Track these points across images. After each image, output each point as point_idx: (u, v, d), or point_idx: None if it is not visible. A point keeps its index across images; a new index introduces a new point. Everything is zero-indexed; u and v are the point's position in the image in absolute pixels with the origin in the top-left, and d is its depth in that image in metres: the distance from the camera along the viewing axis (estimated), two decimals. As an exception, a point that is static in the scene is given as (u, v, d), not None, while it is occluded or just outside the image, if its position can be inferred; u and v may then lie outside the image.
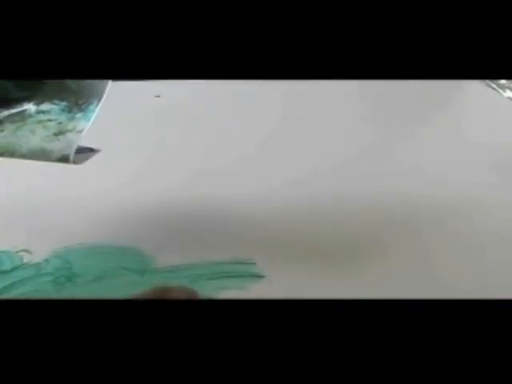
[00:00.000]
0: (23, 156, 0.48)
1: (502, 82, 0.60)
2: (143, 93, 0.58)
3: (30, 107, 0.52)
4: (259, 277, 0.41)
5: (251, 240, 0.43)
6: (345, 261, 0.42)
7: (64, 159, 0.48)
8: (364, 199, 0.47)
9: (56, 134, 0.50)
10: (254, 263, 0.41)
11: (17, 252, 0.42)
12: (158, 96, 0.59)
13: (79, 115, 0.52)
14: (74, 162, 0.48)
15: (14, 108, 0.51)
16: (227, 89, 0.58)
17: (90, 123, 0.52)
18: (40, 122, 0.51)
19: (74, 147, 0.49)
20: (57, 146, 0.49)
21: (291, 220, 0.45)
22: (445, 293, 0.39)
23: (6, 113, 0.51)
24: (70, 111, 0.53)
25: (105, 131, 0.54)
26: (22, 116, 0.52)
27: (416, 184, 0.49)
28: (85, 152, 0.49)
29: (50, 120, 0.52)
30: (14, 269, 0.41)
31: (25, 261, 0.41)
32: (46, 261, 0.41)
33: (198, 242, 0.43)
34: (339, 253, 0.43)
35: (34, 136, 0.50)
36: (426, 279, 0.41)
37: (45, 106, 0.53)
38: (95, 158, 0.50)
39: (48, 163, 0.48)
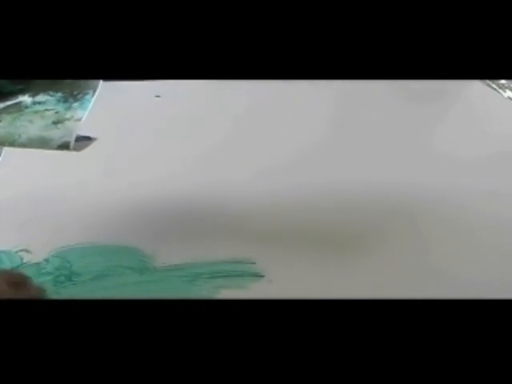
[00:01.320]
0: (23, 145, 0.50)
1: (502, 81, 0.60)
2: (143, 93, 0.58)
3: (25, 99, 0.54)
4: (259, 276, 0.41)
5: (251, 239, 0.43)
6: (344, 259, 0.42)
7: (64, 146, 0.50)
8: (363, 194, 0.47)
9: (55, 123, 0.52)
10: (254, 263, 0.41)
11: (17, 252, 0.42)
12: (158, 96, 0.59)
13: (76, 105, 0.54)
14: (75, 149, 0.49)
15: (9, 100, 0.53)
16: (227, 89, 0.58)
17: (88, 112, 0.53)
18: (37, 112, 0.53)
19: (74, 134, 0.51)
20: (56, 133, 0.51)
21: (290, 218, 0.45)
22: (446, 288, 0.39)
23: (1, 105, 0.52)
24: (66, 101, 0.54)
25: (104, 131, 0.54)
26: (18, 107, 0.53)
27: (412, 179, 0.49)
28: (83, 140, 0.50)
29: (47, 110, 0.53)
30: (13, 268, 0.41)
31: (25, 260, 0.41)
32: (46, 260, 0.41)
33: (198, 241, 0.43)
34: (339, 251, 0.43)
35: (32, 125, 0.51)
36: (425, 276, 0.41)
37: (40, 98, 0.55)
38: (93, 157, 0.51)
39: (47, 156, 0.49)
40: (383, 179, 0.49)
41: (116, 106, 0.57)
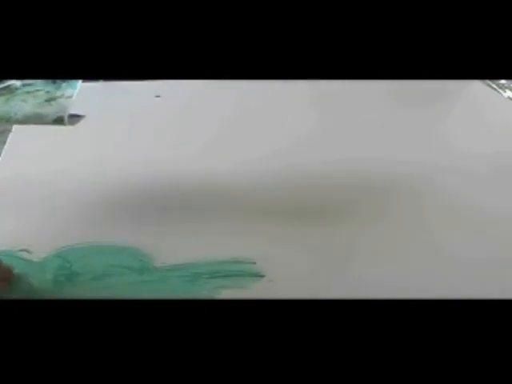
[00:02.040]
0: (19, 122, 0.53)
1: (502, 81, 0.60)
2: (143, 93, 0.58)
3: (14, 82, 0.58)
4: (259, 276, 0.41)
5: (251, 239, 0.43)
6: (345, 259, 0.42)
7: (59, 120, 0.54)
8: (365, 193, 0.48)
9: (47, 101, 0.56)
10: (254, 263, 0.41)
11: (17, 251, 0.42)
12: (158, 96, 0.59)
13: (64, 84, 0.58)
14: (70, 124, 0.53)
15: None
16: (227, 89, 0.58)
17: (77, 90, 0.58)
18: (29, 92, 0.57)
19: (68, 109, 0.55)
20: (50, 109, 0.55)
21: (291, 218, 0.45)
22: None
23: None
24: (54, 82, 0.58)
25: (104, 131, 0.54)
26: (9, 89, 0.57)
27: (412, 177, 0.49)
28: (74, 117, 0.55)
29: (37, 90, 0.57)
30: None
31: (25, 260, 0.41)
32: (46, 260, 0.41)
33: (198, 240, 0.43)
34: (339, 251, 0.43)
35: (26, 104, 0.55)
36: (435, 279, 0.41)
37: (28, 80, 0.58)
38: (92, 157, 0.51)
39: (47, 155, 0.50)
40: (382, 176, 0.49)
41: (116, 106, 0.57)
